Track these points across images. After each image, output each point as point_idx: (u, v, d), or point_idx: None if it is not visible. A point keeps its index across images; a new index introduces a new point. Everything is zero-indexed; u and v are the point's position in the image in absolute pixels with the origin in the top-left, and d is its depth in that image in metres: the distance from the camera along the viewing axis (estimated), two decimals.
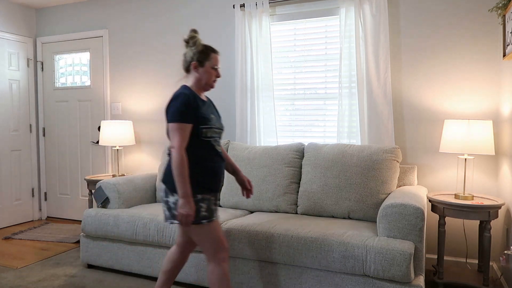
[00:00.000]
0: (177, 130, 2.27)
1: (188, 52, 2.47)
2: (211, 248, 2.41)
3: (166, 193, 2.38)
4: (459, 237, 3.57)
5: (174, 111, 2.29)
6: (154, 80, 4.83)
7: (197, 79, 2.47)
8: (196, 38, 2.46)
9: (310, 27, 4.08)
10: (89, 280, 3.44)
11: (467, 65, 3.51)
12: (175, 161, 2.25)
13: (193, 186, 2.32)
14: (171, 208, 2.36)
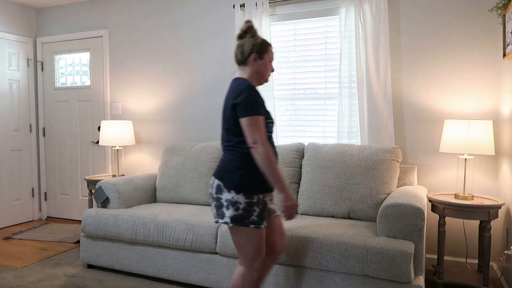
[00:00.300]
0: (256, 123, 2.17)
1: (246, 44, 2.33)
2: (250, 254, 2.30)
3: (219, 189, 2.26)
4: (459, 237, 3.57)
5: (248, 104, 2.18)
6: (154, 80, 4.83)
7: (255, 71, 2.35)
8: (254, 29, 2.36)
9: (310, 27, 4.08)
10: (89, 280, 3.44)
11: (467, 65, 3.51)
12: (264, 156, 2.16)
13: (252, 186, 2.24)
14: (222, 205, 2.25)
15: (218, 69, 4.47)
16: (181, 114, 4.69)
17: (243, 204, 2.21)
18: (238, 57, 2.36)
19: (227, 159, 2.30)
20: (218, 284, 3.14)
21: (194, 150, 4.04)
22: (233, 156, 2.28)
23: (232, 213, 2.22)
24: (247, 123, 2.18)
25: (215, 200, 2.29)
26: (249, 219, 2.23)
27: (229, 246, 3.04)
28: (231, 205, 2.23)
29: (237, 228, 2.26)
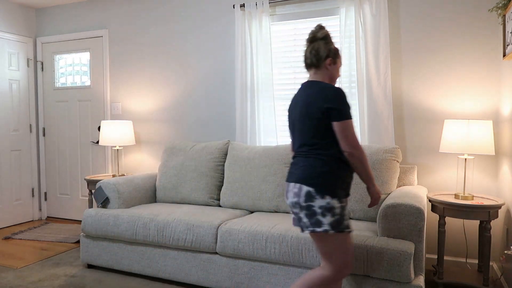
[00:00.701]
0: (350, 127, 2.15)
1: (322, 48, 2.29)
2: (340, 260, 2.20)
3: (310, 196, 2.14)
4: (459, 237, 3.57)
5: (343, 108, 2.15)
6: (154, 80, 4.83)
7: (329, 76, 2.33)
8: (330, 34, 2.35)
9: (310, 27, 4.07)
10: (89, 280, 3.44)
11: (467, 65, 3.51)
12: (363, 159, 2.18)
13: (342, 190, 2.18)
14: (316, 213, 2.13)
15: (218, 69, 4.47)
16: (181, 114, 4.69)
17: (338, 208, 2.13)
18: (312, 60, 2.31)
19: (315, 164, 2.19)
20: (218, 284, 3.14)
21: (194, 150, 4.04)
22: (321, 160, 2.18)
23: (331, 219, 2.11)
24: (343, 127, 2.15)
25: (305, 209, 2.15)
26: (343, 223, 2.16)
27: (229, 246, 3.04)
28: (327, 211, 2.12)
29: (334, 234, 2.15)
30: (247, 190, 3.63)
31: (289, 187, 2.25)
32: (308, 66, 2.35)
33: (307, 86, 2.30)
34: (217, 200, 3.85)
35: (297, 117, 2.29)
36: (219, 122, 4.49)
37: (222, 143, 4.00)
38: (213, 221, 3.20)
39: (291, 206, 2.24)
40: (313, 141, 2.21)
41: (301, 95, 2.30)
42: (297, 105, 2.30)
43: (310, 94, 2.24)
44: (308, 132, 2.23)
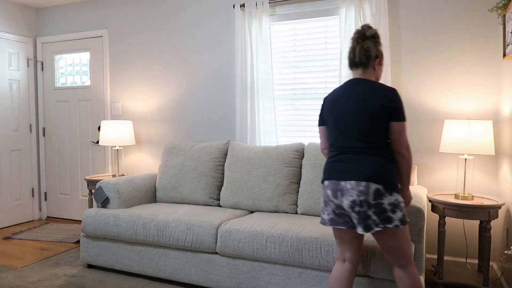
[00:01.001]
0: (405, 129, 2.22)
1: (372, 48, 2.28)
2: (409, 250, 2.23)
3: (379, 194, 2.11)
4: (459, 237, 3.57)
5: (403, 109, 2.20)
6: (154, 80, 4.83)
7: (376, 76, 2.34)
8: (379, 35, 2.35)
9: (310, 27, 4.08)
10: (89, 280, 3.44)
11: (467, 65, 3.51)
12: (411, 161, 2.25)
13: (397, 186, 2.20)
14: (386, 210, 2.11)
15: (218, 69, 4.47)
16: (181, 114, 4.69)
17: (402, 203, 2.17)
18: (362, 59, 2.28)
19: (379, 161, 2.17)
20: (218, 284, 3.14)
21: (194, 150, 4.04)
22: (384, 158, 2.18)
23: (401, 215, 2.13)
24: (402, 127, 2.19)
25: (374, 207, 2.11)
26: (406, 216, 2.20)
27: (229, 246, 3.04)
28: (397, 208, 2.13)
29: (403, 228, 2.19)
30: (247, 190, 3.63)
31: (347, 185, 2.16)
32: (356, 65, 2.31)
33: (355, 84, 2.27)
34: (217, 200, 3.86)
35: (351, 113, 2.22)
36: (219, 122, 4.49)
37: (222, 143, 4.00)
38: (213, 221, 3.20)
39: (351, 206, 2.14)
40: (371, 138, 2.19)
41: (350, 91, 2.26)
42: (349, 101, 2.24)
43: (366, 91, 2.21)
44: (366, 129, 2.20)
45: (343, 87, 2.31)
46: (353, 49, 2.30)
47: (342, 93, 2.29)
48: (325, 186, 2.26)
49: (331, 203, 2.23)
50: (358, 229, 2.16)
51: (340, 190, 2.18)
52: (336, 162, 2.25)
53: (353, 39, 2.32)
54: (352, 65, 2.33)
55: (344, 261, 2.39)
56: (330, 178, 2.24)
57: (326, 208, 2.27)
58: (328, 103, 2.35)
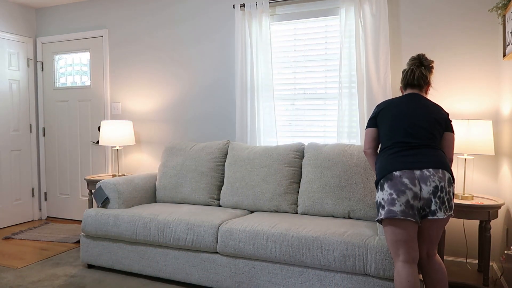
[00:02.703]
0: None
1: (429, 76, 2.61)
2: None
3: (450, 182, 2.31)
4: (459, 237, 3.57)
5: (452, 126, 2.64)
6: (154, 80, 4.83)
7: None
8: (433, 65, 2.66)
9: (310, 27, 4.08)
10: (89, 280, 3.44)
11: (467, 65, 3.51)
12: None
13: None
14: (451, 198, 2.32)
15: (218, 69, 4.48)
16: (181, 114, 4.70)
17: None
18: (421, 83, 2.57)
19: (444, 156, 2.40)
20: (218, 283, 3.14)
21: (194, 150, 4.04)
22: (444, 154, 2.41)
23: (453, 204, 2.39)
24: (453, 138, 2.51)
25: (447, 194, 2.29)
26: None
27: (230, 245, 3.04)
28: (454, 196, 2.44)
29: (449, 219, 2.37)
30: (247, 190, 3.63)
31: (426, 172, 2.29)
32: (413, 86, 2.59)
33: (417, 97, 2.54)
34: (217, 200, 3.86)
35: (420, 116, 2.45)
36: (219, 122, 4.49)
37: (222, 143, 4.01)
38: (214, 221, 3.20)
39: (433, 191, 2.27)
40: (435, 138, 2.43)
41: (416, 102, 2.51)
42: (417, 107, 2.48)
43: (429, 104, 2.50)
44: (432, 130, 2.43)
45: (405, 98, 2.55)
46: (412, 72, 2.58)
47: (407, 101, 2.52)
48: (396, 176, 2.29)
49: (409, 191, 2.26)
50: (439, 214, 2.26)
51: (419, 178, 2.29)
52: (404, 156, 2.36)
53: (412, 63, 2.62)
54: (409, 85, 2.60)
55: (412, 261, 2.32)
56: (402, 168, 2.31)
57: (399, 199, 2.26)
58: (387, 109, 2.55)
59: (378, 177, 2.39)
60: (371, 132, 2.62)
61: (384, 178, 2.34)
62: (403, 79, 2.63)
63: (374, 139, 2.61)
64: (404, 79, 2.62)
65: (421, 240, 2.41)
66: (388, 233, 2.33)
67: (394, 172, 2.31)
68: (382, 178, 2.35)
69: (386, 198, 2.29)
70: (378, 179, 2.38)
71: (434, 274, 2.40)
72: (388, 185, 2.30)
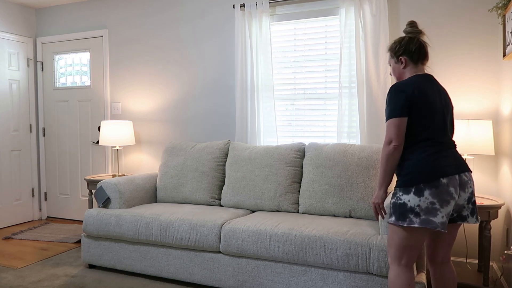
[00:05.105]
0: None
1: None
2: None
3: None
4: (459, 237, 3.59)
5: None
6: (154, 80, 4.83)
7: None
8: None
9: (310, 27, 4.09)
10: (89, 280, 3.44)
11: (467, 65, 3.52)
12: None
13: None
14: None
15: (218, 69, 4.48)
16: (181, 114, 4.70)
17: None
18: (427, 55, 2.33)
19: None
20: (221, 283, 3.15)
21: (195, 150, 4.05)
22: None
23: None
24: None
25: (475, 197, 2.18)
26: None
27: (233, 245, 3.06)
28: None
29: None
30: (248, 189, 3.64)
31: (464, 177, 2.10)
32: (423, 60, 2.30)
33: (432, 80, 2.24)
34: (218, 199, 3.86)
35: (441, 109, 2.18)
36: (219, 122, 4.50)
37: (223, 143, 4.01)
38: (216, 221, 3.21)
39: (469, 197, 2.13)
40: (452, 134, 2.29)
41: (436, 88, 2.22)
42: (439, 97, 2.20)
43: (442, 90, 2.23)
44: (451, 125, 2.26)
45: (426, 80, 2.20)
46: (422, 43, 2.29)
47: (431, 86, 2.20)
48: (444, 185, 2.02)
49: (453, 201, 2.04)
50: (470, 219, 2.16)
51: (460, 184, 2.08)
52: (445, 157, 2.10)
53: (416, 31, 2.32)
54: (421, 59, 2.28)
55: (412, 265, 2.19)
56: (449, 174, 2.04)
57: (442, 209, 2.02)
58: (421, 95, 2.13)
59: (415, 179, 2.05)
60: (404, 122, 2.12)
61: (426, 184, 2.02)
62: (414, 51, 2.26)
63: (404, 132, 2.13)
64: (416, 52, 2.26)
65: (440, 245, 2.29)
66: (400, 238, 2.11)
67: (441, 178, 2.02)
68: (422, 183, 2.02)
69: (424, 206, 2.01)
70: (415, 181, 2.04)
71: (447, 281, 2.27)
72: (431, 193, 2.01)
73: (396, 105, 2.11)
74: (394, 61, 2.34)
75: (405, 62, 2.27)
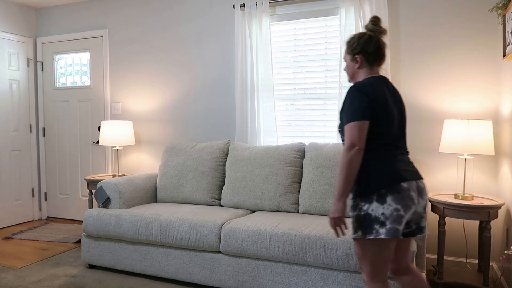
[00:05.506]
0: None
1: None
2: None
3: None
4: (459, 237, 3.59)
5: None
6: (154, 80, 4.83)
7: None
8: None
9: (310, 27, 4.09)
10: (89, 280, 3.44)
11: (467, 65, 3.52)
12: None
13: None
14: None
15: (218, 69, 4.48)
16: (181, 114, 4.70)
17: None
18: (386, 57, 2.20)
19: None
20: (221, 283, 3.15)
21: (194, 150, 4.05)
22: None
23: None
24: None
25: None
26: None
27: (233, 245, 3.06)
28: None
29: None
30: (248, 189, 3.64)
31: (421, 184, 2.02)
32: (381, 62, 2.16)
33: (388, 82, 2.13)
34: (218, 199, 3.86)
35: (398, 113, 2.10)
36: (219, 122, 4.50)
37: (223, 143, 4.01)
38: (216, 221, 3.21)
39: (425, 206, 2.05)
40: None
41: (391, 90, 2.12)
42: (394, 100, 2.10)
43: (397, 93, 2.15)
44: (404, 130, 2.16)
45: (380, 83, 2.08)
46: (384, 44, 2.13)
47: (388, 90, 2.09)
48: (405, 189, 1.93)
49: (414, 207, 1.96)
50: (426, 230, 2.07)
51: (419, 191, 2.00)
52: (403, 162, 2.03)
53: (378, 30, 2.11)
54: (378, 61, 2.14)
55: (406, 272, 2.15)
56: (409, 178, 1.97)
57: (405, 216, 1.93)
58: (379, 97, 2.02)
59: (375, 185, 1.95)
60: (367, 126, 1.99)
61: (387, 189, 1.92)
62: (372, 52, 2.10)
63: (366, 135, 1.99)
64: (374, 53, 2.10)
65: (401, 254, 2.17)
66: (372, 253, 1.98)
67: (402, 183, 1.93)
68: (384, 188, 1.93)
69: (389, 214, 1.90)
70: (376, 188, 1.94)
71: (417, 282, 2.18)
72: (393, 198, 1.91)
73: (359, 108, 1.97)
74: (349, 58, 2.17)
75: (361, 62, 2.12)
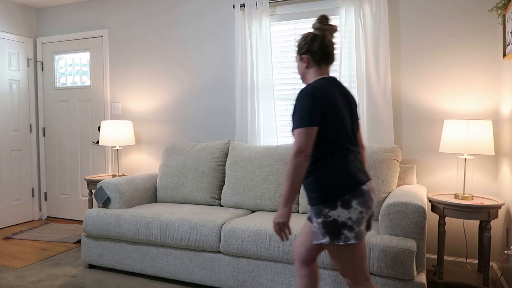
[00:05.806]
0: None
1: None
2: None
3: None
4: (459, 237, 3.59)
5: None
6: (154, 80, 4.83)
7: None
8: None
9: (310, 27, 4.06)
10: (89, 280, 3.44)
11: (467, 65, 3.52)
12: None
13: None
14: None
15: (218, 69, 4.48)
16: (181, 114, 4.70)
17: None
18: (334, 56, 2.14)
19: None
20: (221, 283, 3.15)
21: (194, 150, 4.05)
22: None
23: None
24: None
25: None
26: None
27: (233, 245, 3.06)
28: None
29: None
30: (248, 189, 3.64)
31: (371, 183, 2.02)
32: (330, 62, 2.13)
33: (337, 82, 2.09)
34: (218, 199, 3.86)
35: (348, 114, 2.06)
36: (219, 122, 4.50)
37: (223, 143, 4.01)
38: (216, 220, 3.21)
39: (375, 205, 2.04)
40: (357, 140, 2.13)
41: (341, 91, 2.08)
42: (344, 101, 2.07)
43: (348, 93, 2.11)
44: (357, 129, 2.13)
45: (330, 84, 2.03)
46: (330, 43, 2.09)
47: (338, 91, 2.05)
48: (366, 192, 1.94)
49: (370, 210, 1.97)
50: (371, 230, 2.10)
51: (373, 192, 2.01)
52: (357, 165, 2.03)
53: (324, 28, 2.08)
54: (324, 60, 2.10)
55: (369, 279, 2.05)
56: (365, 181, 1.97)
57: (366, 217, 1.96)
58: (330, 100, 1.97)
59: (338, 191, 1.91)
60: (315, 132, 1.94)
61: (351, 194, 1.90)
62: (316, 50, 2.06)
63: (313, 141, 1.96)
64: (319, 52, 2.06)
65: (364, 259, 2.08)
66: (350, 256, 1.95)
67: (362, 186, 1.93)
68: (347, 193, 1.90)
69: (355, 218, 1.89)
70: (339, 194, 1.90)
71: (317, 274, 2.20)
72: (358, 202, 1.90)
73: (308, 113, 1.92)
74: (298, 58, 2.15)
75: (308, 62, 2.10)
